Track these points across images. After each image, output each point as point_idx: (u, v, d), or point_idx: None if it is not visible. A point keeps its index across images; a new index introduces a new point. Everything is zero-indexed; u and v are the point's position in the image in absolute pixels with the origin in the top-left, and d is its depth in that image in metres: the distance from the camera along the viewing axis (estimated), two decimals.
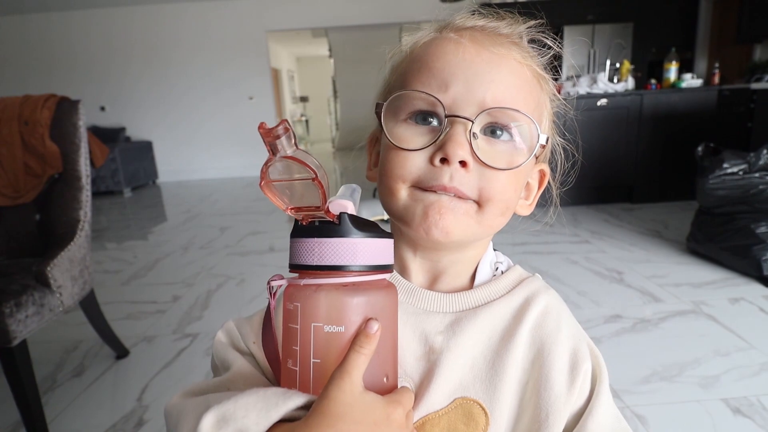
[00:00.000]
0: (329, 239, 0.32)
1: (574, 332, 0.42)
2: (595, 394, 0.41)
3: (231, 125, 6.78)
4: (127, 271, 2.75)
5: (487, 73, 0.38)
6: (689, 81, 3.65)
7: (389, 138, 0.39)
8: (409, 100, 0.39)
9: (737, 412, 1.28)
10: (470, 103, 0.37)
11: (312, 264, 0.33)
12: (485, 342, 0.41)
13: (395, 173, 0.39)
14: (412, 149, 0.38)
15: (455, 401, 0.40)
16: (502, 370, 0.40)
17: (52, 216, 1.53)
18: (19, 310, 1.21)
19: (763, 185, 2.15)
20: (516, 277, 0.45)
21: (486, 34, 0.40)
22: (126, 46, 6.45)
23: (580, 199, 3.71)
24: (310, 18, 6.42)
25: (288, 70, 11.54)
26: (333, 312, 0.32)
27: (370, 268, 0.33)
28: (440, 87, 0.38)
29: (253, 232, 3.50)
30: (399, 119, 0.39)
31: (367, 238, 0.33)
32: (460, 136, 0.36)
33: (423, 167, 0.38)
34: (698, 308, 1.89)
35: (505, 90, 0.38)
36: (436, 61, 0.39)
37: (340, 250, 0.32)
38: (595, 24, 5.45)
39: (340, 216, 0.33)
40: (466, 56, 0.38)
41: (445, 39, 0.40)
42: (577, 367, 0.40)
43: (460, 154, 0.36)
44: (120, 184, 5.62)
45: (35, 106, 1.49)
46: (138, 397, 1.48)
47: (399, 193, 0.39)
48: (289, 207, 0.33)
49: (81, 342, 1.85)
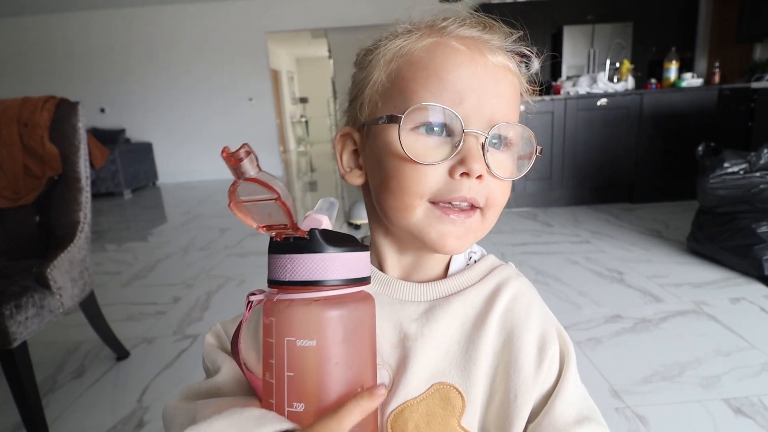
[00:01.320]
0: (299, 255, 0.33)
1: (542, 317, 0.44)
2: (562, 376, 0.43)
3: (231, 126, 6.79)
4: (127, 272, 2.75)
5: (494, 87, 0.39)
6: (689, 80, 3.65)
7: (406, 152, 0.38)
8: (421, 111, 0.38)
9: (738, 412, 1.28)
10: (481, 116, 0.38)
11: (285, 279, 0.34)
12: (459, 328, 0.43)
13: (413, 189, 0.39)
14: (431, 163, 0.38)
15: (432, 387, 0.41)
16: (475, 354, 0.41)
17: (52, 218, 1.53)
18: (19, 311, 1.21)
19: (764, 185, 2.14)
20: (488, 265, 0.46)
21: (485, 45, 0.40)
22: (126, 47, 6.46)
23: (581, 199, 3.71)
24: (309, 19, 6.43)
25: (287, 71, 11.54)
26: (305, 326, 0.33)
27: (343, 282, 0.34)
28: (454, 100, 0.38)
29: (253, 233, 3.50)
30: (406, 129, 0.39)
31: (339, 252, 0.34)
32: (477, 150, 0.38)
33: (441, 180, 0.38)
34: (699, 308, 1.88)
35: (507, 104, 0.40)
36: (448, 72, 0.38)
37: (310, 266, 0.33)
38: (595, 24, 5.45)
39: (310, 232, 0.34)
40: (478, 70, 0.39)
41: (452, 48, 0.39)
42: (544, 350, 0.42)
43: (479, 168, 0.37)
44: (120, 185, 5.62)
45: (34, 107, 1.49)
46: (138, 398, 1.48)
47: (416, 210, 0.39)
48: (259, 226, 0.33)
49: (81, 343, 1.85)
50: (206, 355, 0.48)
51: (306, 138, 12.19)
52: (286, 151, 10.80)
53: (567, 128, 3.56)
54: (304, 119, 12.11)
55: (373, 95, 0.42)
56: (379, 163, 0.41)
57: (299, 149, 11.63)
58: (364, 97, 0.43)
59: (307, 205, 4.85)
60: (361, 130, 0.44)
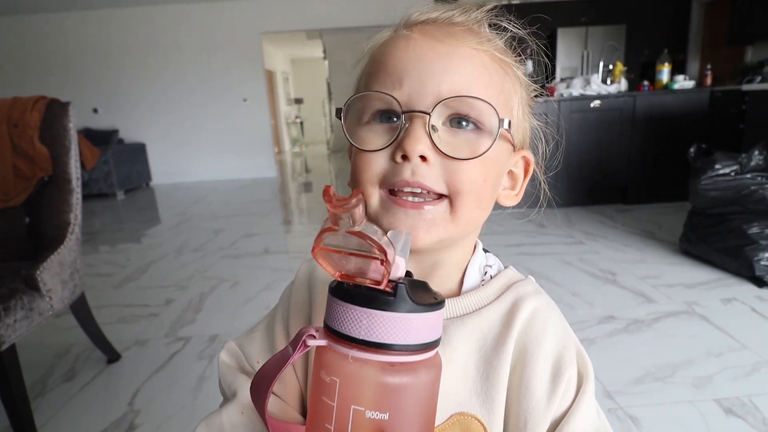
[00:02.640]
0: (380, 312, 0.28)
1: (560, 337, 0.41)
2: (577, 399, 0.40)
3: (225, 127, 6.77)
4: (119, 274, 2.73)
5: (439, 63, 0.37)
6: (681, 82, 3.67)
7: (351, 141, 0.39)
8: (368, 101, 0.39)
9: (730, 413, 1.28)
10: (426, 96, 0.36)
11: (357, 337, 0.28)
12: (476, 352, 0.40)
13: (363, 177, 0.38)
14: (374, 149, 0.37)
15: (452, 417, 0.38)
16: (496, 381, 0.39)
17: (41, 219, 1.51)
18: (7, 314, 1.20)
19: (755, 186, 2.16)
20: (505, 281, 0.43)
21: (438, 26, 0.39)
22: (119, 47, 6.42)
23: (574, 200, 3.73)
24: (304, 20, 6.42)
25: (282, 71, 11.52)
26: (378, 396, 0.28)
27: (424, 346, 0.29)
28: (394, 84, 0.37)
29: (247, 234, 3.49)
30: (362, 122, 0.39)
31: (424, 312, 0.29)
32: (418, 130, 0.36)
33: (386, 166, 0.37)
34: (691, 309, 1.89)
35: (461, 79, 0.37)
36: (389, 59, 0.38)
37: (392, 327, 0.28)
38: (588, 26, 5.48)
39: (396, 288, 0.28)
40: (417, 50, 0.37)
41: (398, 37, 0.39)
42: (560, 373, 0.39)
43: (419, 149, 0.35)
44: (113, 186, 5.58)
45: (24, 108, 1.47)
46: (129, 401, 1.47)
47: (371, 198, 0.38)
48: (339, 273, 0.29)
49: (72, 346, 1.83)
50: (222, 376, 0.46)
51: (301, 139, 12.17)
52: (281, 152, 10.77)
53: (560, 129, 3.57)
54: (299, 120, 12.10)
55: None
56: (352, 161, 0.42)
57: (294, 150, 11.61)
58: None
59: (302, 206, 4.85)
60: None
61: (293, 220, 4.17)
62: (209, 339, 1.84)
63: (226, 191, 5.76)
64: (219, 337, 1.85)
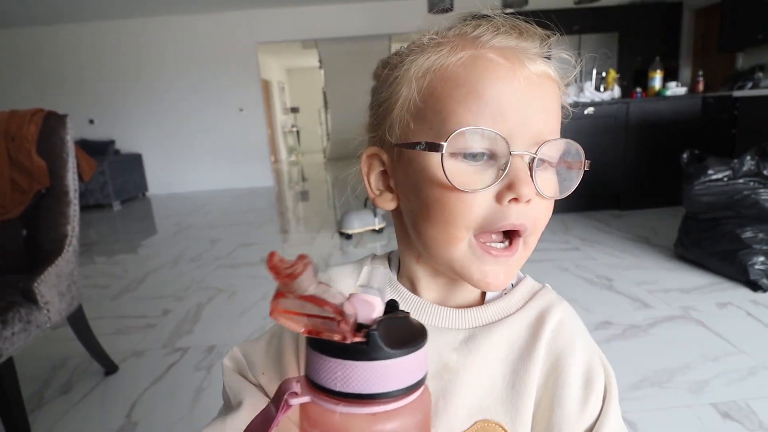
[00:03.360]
0: (355, 363, 0.27)
1: (587, 346, 0.41)
2: (604, 410, 0.40)
3: (221, 137, 6.78)
4: (116, 285, 2.73)
5: (538, 102, 0.36)
6: (674, 89, 3.72)
7: (450, 180, 0.34)
8: (462, 134, 0.34)
9: (726, 417, 1.29)
10: (527, 134, 0.35)
11: (335, 390, 0.27)
12: (503, 360, 0.40)
13: (459, 220, 0.36)
14: (477, 190, 0.35)
15: (477, 424, 0.38)
16: (522, 390, 0.39)
17: (39, 231, 1.51)
18: (5, 327, 1.20)
19: (748, 191, 2.18)
20: (528, 289, 0.44)
21: (524, 53, 0.37)
22: (115, 58, 6.44)
23: (570, 206, 3.75)
24: (299, 30, 6.46)
25: (278, 81, 11.57)
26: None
27: (406, 390, 0.28)
28: (496, 119, 0.35)
29: (244, 244, 3.49)
30: (446, 154, 0.35)
31: (403, 356, 0.27)
32: (525, 171, 0.35)
33: (488, 208, 0.35)
34: (687, 313, 1.91)
35: (552, 117, 0.37)
36: (488, 88, 0.35)
37: (371, 376, 0.27)
38: (581, 34, 5.54)
39: (369, 337, 0.26)
40: (520, 84, 0.35)
41: (490, 61, 0.36)
42: (591, 383, 0.39)
43: (529, 192, 0.35)
44: (109, 197, 5.57)
45: (22, 121, 1.48)
46: (127, 413, 1.46)
47: (460, 243, 0.37)
48: (305, 329, 0.27)
49: (69, 358, 1.83)
50: (227, 383, 0.45)
51: (297, 148, 12.20)
52: (278, 161, 10.79)
53: None
54: (295, 129, 12.13)
55: (403, 115, 0.39)
56: (417, 191, 0.38)
57: (291, 159, 11.63)
58: (393, 117, 0.39)
59: (298, 214, 4.85)
60: (391, 151, 0.41)
61: (290, 229, 4.17)
62: (207, 349, 1.84)
63: (222, 201, 5.76)
64: (217, 348, 1.84)
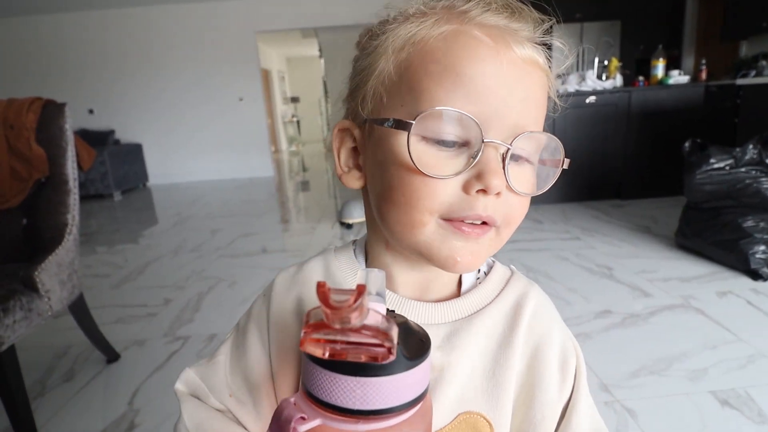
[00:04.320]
0: (376, 379, 0.25)
1: (561, 329, 0.42)
2: (575, 388, 0.41)
3: (221, 127, 6.76)
4: (117, 274, 2.73)
5: (521, 87, 0.34)
6: (676, 78, 3.69)
7: (415, 163, 0.33)
8: (434, 115, 0.33)
9: (725, 404, 1.30)
10: (504, 123, 0.33)
11: (353, 409, 0.25)
12: (482, 352, 0.39)
13: (422, 205, 0.34)
14: (443, 177, 0.33)
15: (459, 417, 0.38)
16: (503, 379, 0.39)
17: (39, 220, 1.51)
18: (6, 315, 1.20)
19: (749, 180, 2.17)
20: (500, 277, 0.43)
21: (513, 35, 0.34)
22: (114, 48, 6.40)
23: (570, 195, 3.74)
24: (299, 18, 6.41)
25: (278, 70, 11.50)
26: None
27: (421, 396, 0.27)
28: (471, 100, 0.32)
29: (244, 233, 3.49)
30: (416, 135, 0.33)
31: (418, 365, 0.26)
32: (497, 162, 0.33)
33: (454, 195, 0.33)
34: (687, 302, 1.91)
35: (534, 108, 0.35)
36: (466, 66, 0.33)
37: (388, 391, 0.25)
38: (583, 22, 5.49)
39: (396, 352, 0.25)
40: (503, 67, 0.33)
41: (473, 38, 0.33)
42: (566, 365, 0.40)
43: (499, 185, 0.32)
44: (110, 187, 5.57)
45: (20, 109, 1.47)
46: (129, 401, 1.48)
47: (426, 227, 0.35)
48: (330, 353, 0.25)
49: (71, 347, 1.84)
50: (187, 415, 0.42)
51: (298, 138, 12.16)
52: (278, 151, 10.77)
53: (556, 126, 3.59)
54: (295, 119, 12.08)
55: (377, 88, 0.37)
56: (383, 170, 0.36)
57: (291, 149, 11.60)
58: (368, 89, 0.37)
59: (299, 204, 4.85)
60: (363, 127, 0.38)
61: (290, 219, 4.17)
62: (208, 338, 1.84)
63: (222, 191, 5.75)
64: (217, 336, 1.85)
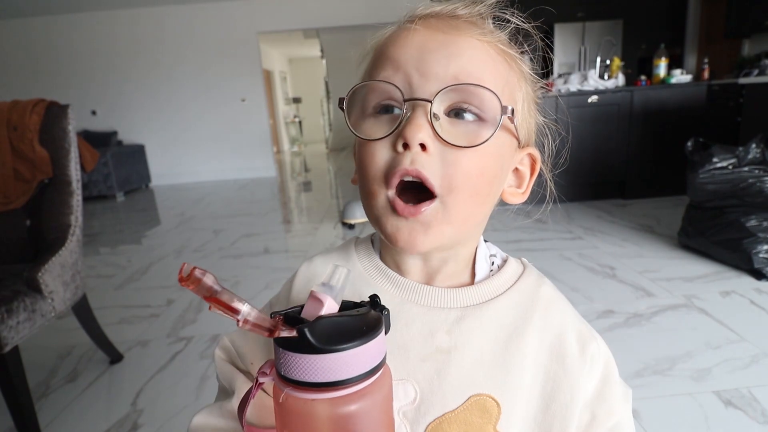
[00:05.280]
0: (291, 354, 0.29)
1: (574, 319, 0.44)
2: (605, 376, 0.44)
3: (223, 127, 6.77)
4: (120, 275, 2.74)
5: (441, 51, 0.37)
6: (679, 77, 3.67)
7: (354, 131, 0.39)
8: (370, 91, 0.39)
9: (729, 404, 1.29)
10: (428, 84, 0.36)
11: (284, 375, 0.30)
12: (492, 339, 0.41)
13: (370, 173, 0.38)
14: (375, 138, 0.37)
15: (470, 399, 0.40)
16: (512, 366, 0.40)
17: (42, 221, 1.52)
18: (10, 316, 1.21)
19: (753, 179, 2.17)
20: (513, 271, 0.45)
21: (441, 18, 0.39)
22: (116, 49, 6.41)
23: (573, 195, 3.73)
24: (301, 19, 6.41)
25: (280, 71, 11.51)
26: (329, 426, 0.30)
27: (363, 375, 0.30)
28: (395, 72, 0.37)
29: (247, 234, 3.50)
30: (366, 114, 0.39)
31: (351, 349, 0.29)
32: (420, 118, 0.35)
33: (387, 156, 0.37)
34: (690, 302, 1.90)
35: (464, 64, 0.36)
36: (390, 49, 0.39)
37: (305, 367, 0.29)
38: (585, 21, 5.48)
39: (299, 332, 0.29)
40: (418, 38, 0.38)
41: (400, 29, 0.40)
42: (585, 349, 0.42)
43: (420, 136, 0.35)
44: (113, 188, 5.58)
45: (24, 111, 1.48)
46: (132, 401, 1.48)
47: (377, 198, 0.38)
48: (241, 320, 0.30)
49: (74, 347, 1.84)
50: (220, 372, 0.47)
51: (300, 138, 12.17)
52: (280, 152, 10.77)
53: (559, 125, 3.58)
54: (297, 119, 12.09)
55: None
56: (356, 155, 0.42)
57: (293, 149, 11.61)
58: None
59: (301, 205, 4.85)
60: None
61: (293, 219, 4.17)
62: (211, 339, 1.85)
63: (225, 191, 5.76)
64: (220, 337, 1.85)
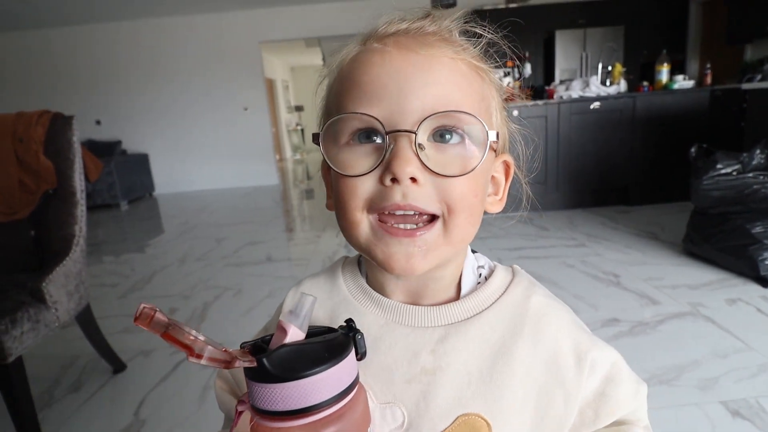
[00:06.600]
0: (255, 383, 0.30)
1: (570, 329, 0.42)
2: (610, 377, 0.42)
3: (226, 136, 6.80)
4: (124, 284, 2.74)
5: (418, 76, 0.35)
6: (681, 82, 3.67)
7: (333, 166, 0.37)
8: (346, 121, 0.36)
9: (736, 415, 1.28)
10: (409, 113, 0.35)
11: (254, 405, 0.31)
12: (478, 357, 0.39)
13: (350, 203, 0.37)
14: (359, 174, 0.36)
15: (458, 419, 0.38)
16: (501, 382, 0.39)
17: (47, 232, 1.53)
18: (14, 326, 1.21)
19: (757, 185, 2.16)
20: (500, 281, 0.43)
21: (411, 36, 0.37)
22: (120, 59, 6.47)
23: (576, 202, 3.72)
24: (302, 28, 6.45)
25: (282, 80, 11.58)
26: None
27: (333, 399, 0.30)
28: (372, 103, 0.35)
29: (250, 242, 3.50)
30: (341, 143, 0.37)
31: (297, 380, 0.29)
32: (406, 150, 0.34)
33: (373, 190, 0.36)
34: (696, 310, 1.89)
35: (443, 90, 0.36)
36: (363, 75, 0.36)
37: (268, 396, 0.29)
38: (587, 28, 5.49)
39: (259, 362, 0.29)
40: (394, 64, 0.36)
41: (369, 51, 0.37)
42: (583, 357, 0.40)
43: (409, 171, 0.34)
44: (117, 197, 5.61)
45: (29, 122, 1.49)
46: (135, 411, 1.48)
47: (360, 225, 0.37)
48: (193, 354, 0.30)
49: (77, 357, 1.84)
50: (220, 402, 0.47)
51: (302, 146, 12.21)
52: (282, 160, 10.80)
53: (561, 132, 3.58)
54: (299, 127, 12.14)
55: (321, 115, 0.42)
56: (332, 183, 0.40)
57: (295, 157, 11.64)
58: (320, 117, 0.42)
59: (304, 213, 4.86)
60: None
61: (295, 227, 4.17)
62: None
63: (228, 200, 5.78)
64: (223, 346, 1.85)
